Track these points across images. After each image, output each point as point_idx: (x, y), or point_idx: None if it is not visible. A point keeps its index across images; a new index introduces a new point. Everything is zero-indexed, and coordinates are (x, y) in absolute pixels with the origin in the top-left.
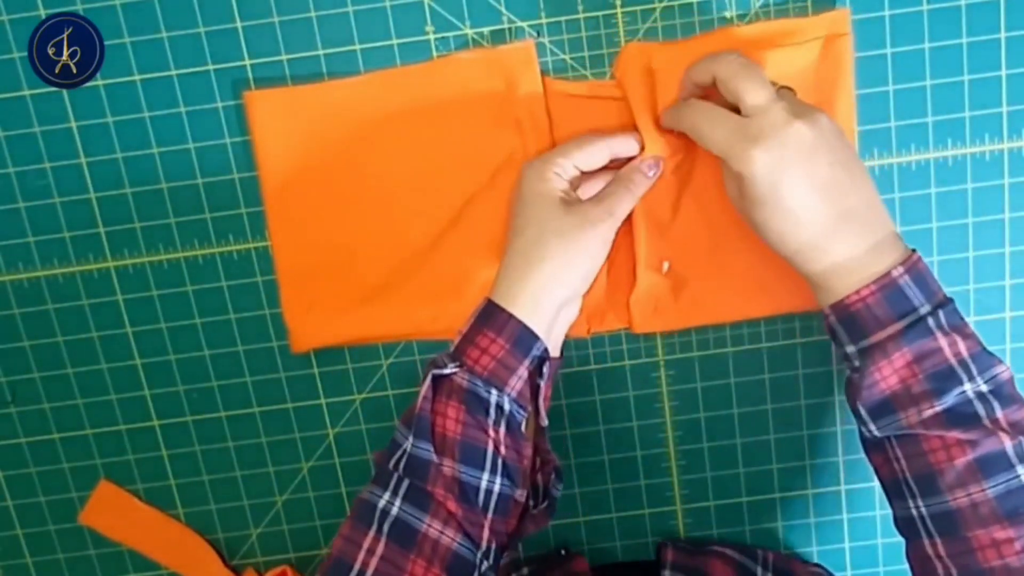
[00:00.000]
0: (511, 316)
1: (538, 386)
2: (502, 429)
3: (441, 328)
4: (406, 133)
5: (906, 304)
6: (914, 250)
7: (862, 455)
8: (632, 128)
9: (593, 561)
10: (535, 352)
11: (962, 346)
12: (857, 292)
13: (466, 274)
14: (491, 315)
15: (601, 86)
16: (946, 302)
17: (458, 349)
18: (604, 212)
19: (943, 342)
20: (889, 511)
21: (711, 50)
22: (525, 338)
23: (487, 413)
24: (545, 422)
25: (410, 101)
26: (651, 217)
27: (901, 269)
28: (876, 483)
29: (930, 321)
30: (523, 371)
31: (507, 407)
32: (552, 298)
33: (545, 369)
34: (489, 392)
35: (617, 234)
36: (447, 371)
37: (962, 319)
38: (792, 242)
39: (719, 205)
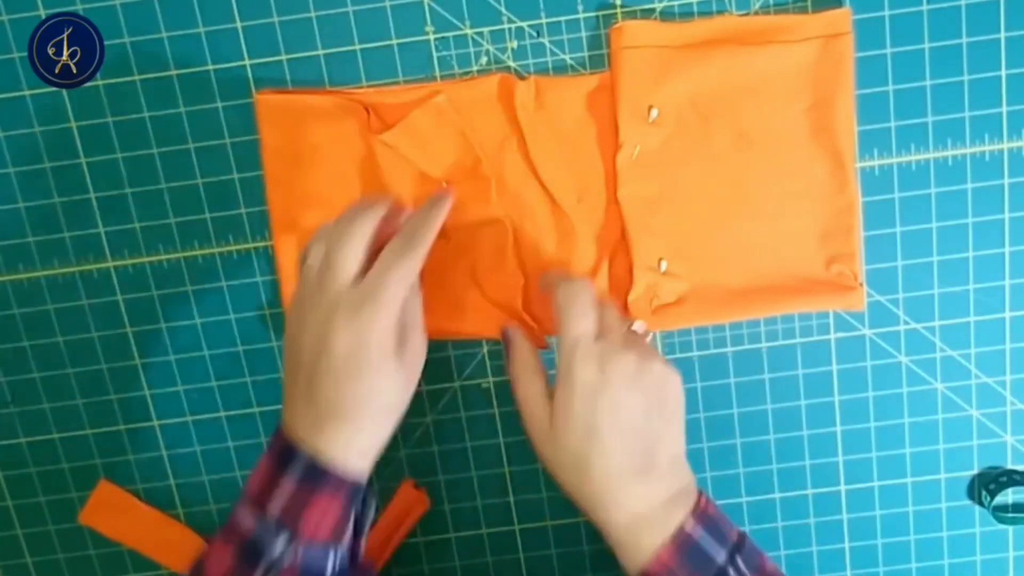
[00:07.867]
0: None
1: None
2: None
3: (439, 329)
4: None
5: (704, 558)
6: (700, 491)
7: (862, 455)
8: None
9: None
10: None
11: None
12: (657, 557)
13: (465, 279)
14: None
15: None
16: (741, 541)
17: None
18: (377, 278)
19: None
20: (890, 511)
21: (708, 35)
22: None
23: None
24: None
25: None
26: (640, 214)
27: (692, 521)
28: (876, 483)
29: (731, 572)
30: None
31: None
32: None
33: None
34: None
35: (615, 234)
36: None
37: (759, 554)
38: (598, 477)
39: (715, 201)
